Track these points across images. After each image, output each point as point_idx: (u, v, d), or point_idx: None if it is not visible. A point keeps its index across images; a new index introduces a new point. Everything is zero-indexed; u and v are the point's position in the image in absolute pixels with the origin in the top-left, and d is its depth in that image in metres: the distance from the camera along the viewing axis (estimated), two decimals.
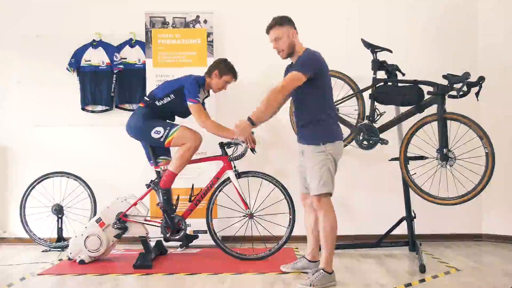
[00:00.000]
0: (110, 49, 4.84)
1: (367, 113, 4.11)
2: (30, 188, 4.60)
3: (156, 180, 4.03)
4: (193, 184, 4.09)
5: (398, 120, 4.10)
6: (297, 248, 4.38)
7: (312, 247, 3.65)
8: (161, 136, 3.88)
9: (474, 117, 3.77)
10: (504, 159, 4.24)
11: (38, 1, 4.91)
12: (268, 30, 3.43)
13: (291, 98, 3.62)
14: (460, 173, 3.86)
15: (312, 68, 3.28)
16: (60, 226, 4.61)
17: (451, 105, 3.85)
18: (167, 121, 4.04)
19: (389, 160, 4.17)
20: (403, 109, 4.09)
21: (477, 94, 3.82)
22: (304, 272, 3.60)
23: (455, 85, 3.79)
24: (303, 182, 3.55)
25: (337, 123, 3.48)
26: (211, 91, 4.19)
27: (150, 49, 4.66)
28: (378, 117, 4.08)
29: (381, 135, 4.05)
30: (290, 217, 4.00)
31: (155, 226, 4.04)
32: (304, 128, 3.42)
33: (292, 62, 3.50)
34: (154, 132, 3.89)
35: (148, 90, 4.50)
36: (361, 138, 4.08)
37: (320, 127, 3.35)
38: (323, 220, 3.35)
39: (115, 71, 4.83)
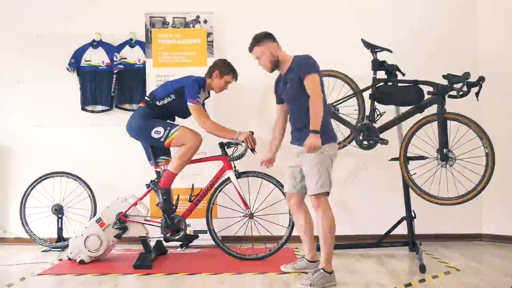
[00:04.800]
0: (110, 49, 4.84)
1: (367, 113, 4.10)
2: (30, 188, 4.60)
3: (156, 180, 4.03)
4: (193, 184, 4.09)
5: (398, 120, 4.10)
6: (297, 248, 4.38)
7: (309, 247, 3.65)
8: (161, 136, 3.88)
9: (474, 117, 3.78)
10: (504, 159, 4.23)
11: (38, 1, 4.91)
12: (250, 51, 3.54)
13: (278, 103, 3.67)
14: (460, 173, 3.86)
15: (318, 67, 3.39)
16: (60, 226, 4.61)
17: (451, 105, 3.85)
18: (167, 121, 4.04)
19: (389, 160, 4.17)
20: (403, 109, 4.09)
21: (477, 94, 3.82)
22: (304, 272, 3.60)
23: (455, 85, 3.79)
24: (292, 182, 3.57)
25: (331, 124, 3.53)
26: (212, 92, 4.19)
27: (150, 49, 4.66)
28: (378, 117, 4.08)
29: (381, 135, 4.05)
30: (290, 217, 3.99)
31: (155, 226, 4.04)
32: (302, 130, 3.42)
33: (281, 73, 3.57)
34: (154, 132, 3.89)
35: (148, 90, 4.50)
36: (361, 138, 4.08)
37: None
38: (321, 220, 3.36)
39: (115, 71, 4.82)
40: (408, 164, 3.98)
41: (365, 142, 4.09)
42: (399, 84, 4.04)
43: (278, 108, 3.71)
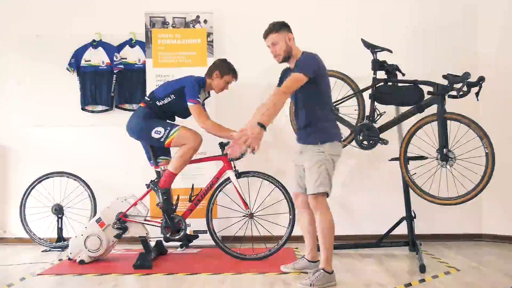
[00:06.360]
0: (110, 49, 4.84)
1: (367, 113, 4.11)
2: (30, 188, 4.60)
3: (156, 180, 4.03)
4: (193, 184, 4.09)
5: (398, 120, 4.10)
6: (297, 248, 4.37)
7: (310, 247, 3.65)
8: (161, 136, 3.88)
9: (474, 117, 3.78)
10: (504, 159, 4.22)
11: (38, 1, 4.91)
12: (265, 36, 3.44)
13: (290, 99, 3.62)
14: (460, 173, 3.86)
15: (312, 69, 3.28)
16: (60, 226, 4.61)
17: (451, 105, 3.85)
18: (168, 121, 4.04)
19: (389, 160, 4.17)
20: (403, 109, 4.09)
21: (477, 94, 3.82)
22: (304, 272, 3.60)
23: (455, 85, 3.79)
24: (298, 181, 3.55)
25: (335, 124, 3.50)
26: (212, 92, 4.19)
27: (150, 49, 4.66)
28: (378, 117, 4.08)
29: (381, 135, 4.05)
30: (290, 217, 3.99)
31: (155, 226, 4.04)
32: (304, 128, 3.43)
33: (289, 66, 3.53)
34: (155, 132, 3.89)
35: (148, 90, 4.50)
36: (361, 138, 4.09)
37: (319, 128, 3.36)
38: (320, 220, 3.35)
39: (115, 71, 4.83)
40: (408, 164, 3.98)
41: (365, 142, 4.09)
42: (399, 84, 4.04)
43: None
